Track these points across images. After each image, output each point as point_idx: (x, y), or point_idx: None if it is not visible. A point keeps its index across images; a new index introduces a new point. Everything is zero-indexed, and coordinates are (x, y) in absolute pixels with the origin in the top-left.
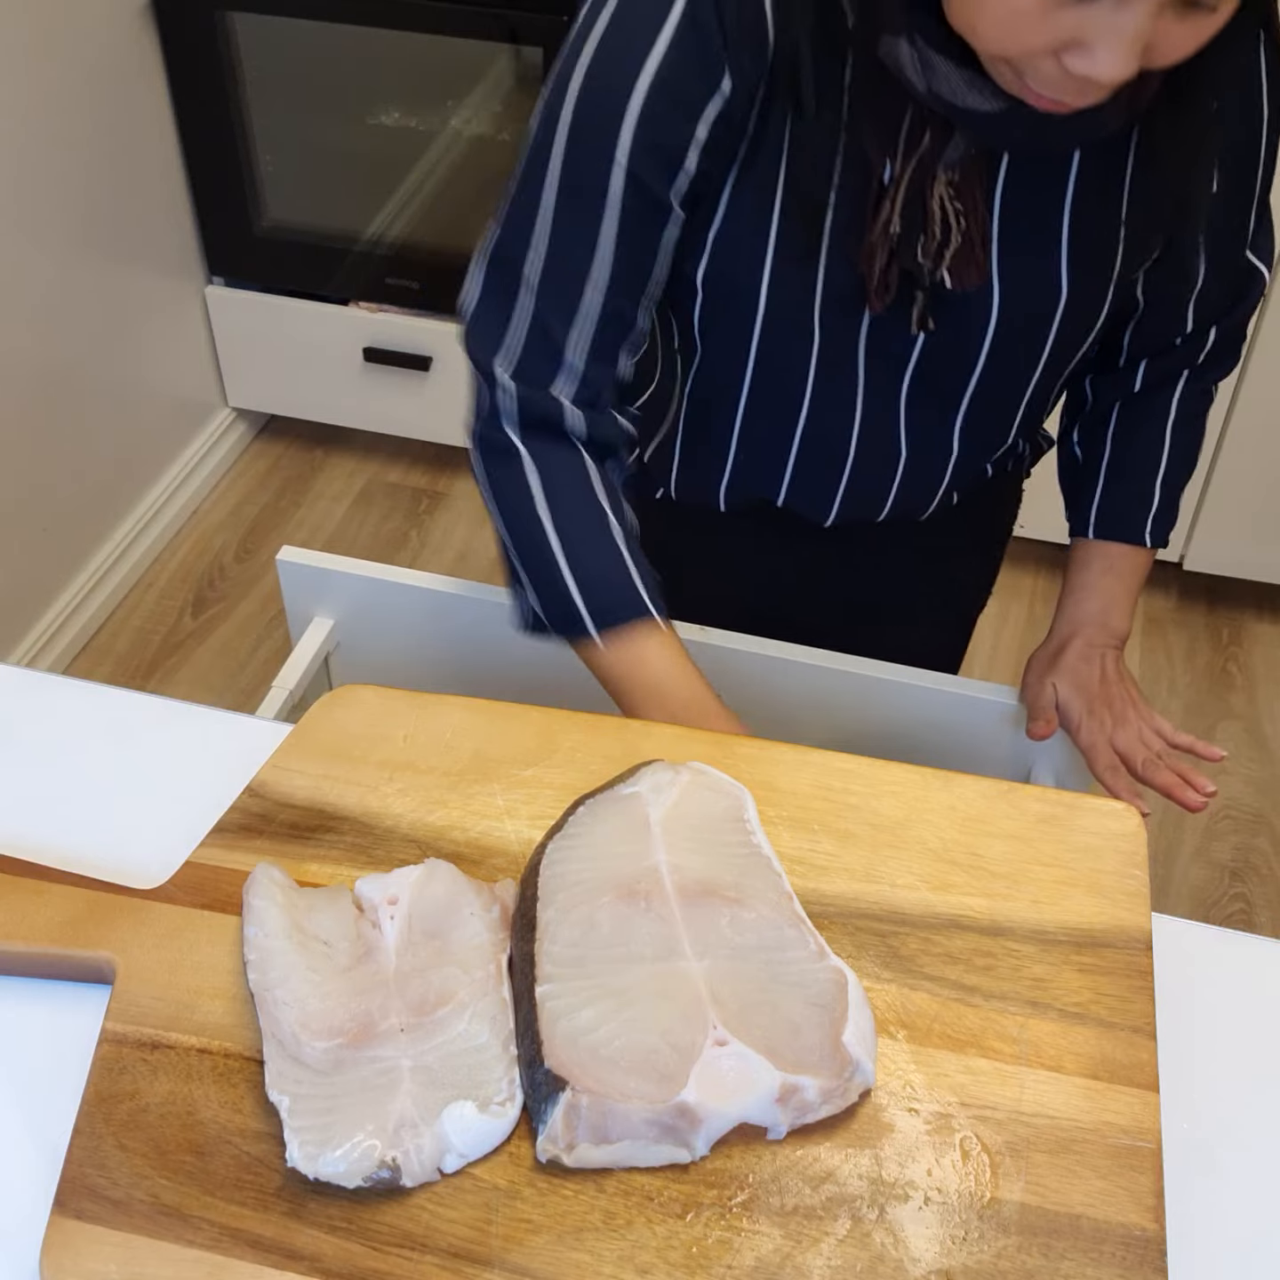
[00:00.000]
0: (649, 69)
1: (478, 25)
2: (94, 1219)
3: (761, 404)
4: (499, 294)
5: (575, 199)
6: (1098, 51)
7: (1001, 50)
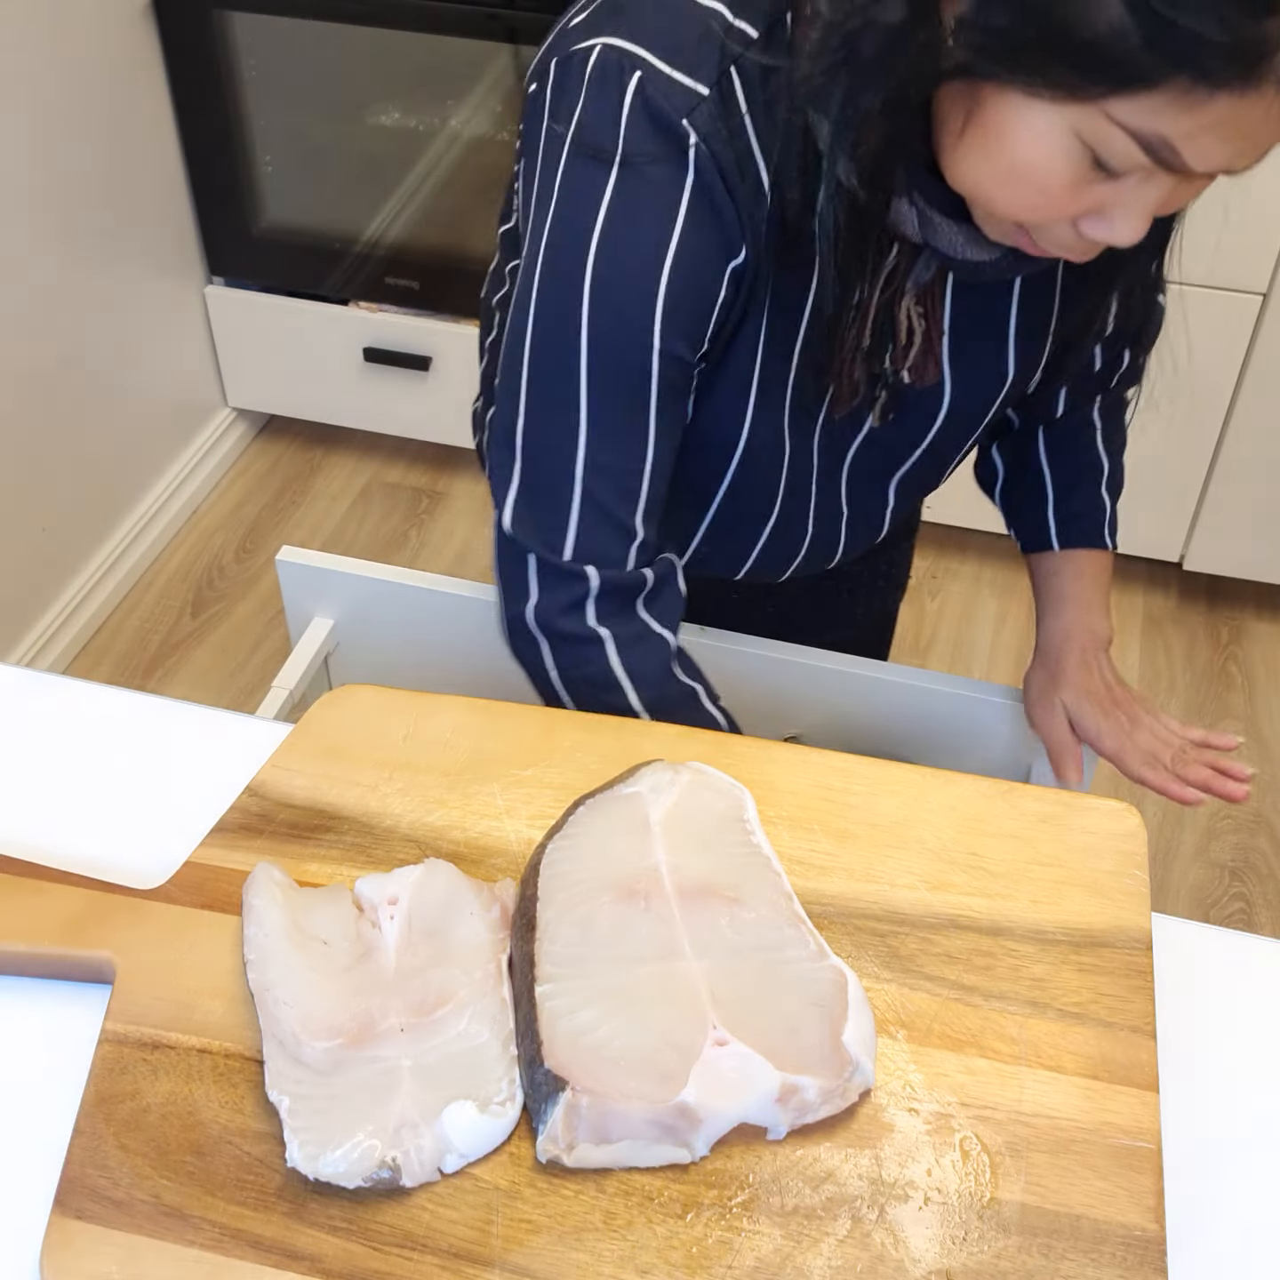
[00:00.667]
0: (670, 256)
1: (477, 25)
2: (95, 1219)
3: (730, 510)
4: (546, 489)
5: (619, 393)
6: (1116, 221)
7: (1021, 220)
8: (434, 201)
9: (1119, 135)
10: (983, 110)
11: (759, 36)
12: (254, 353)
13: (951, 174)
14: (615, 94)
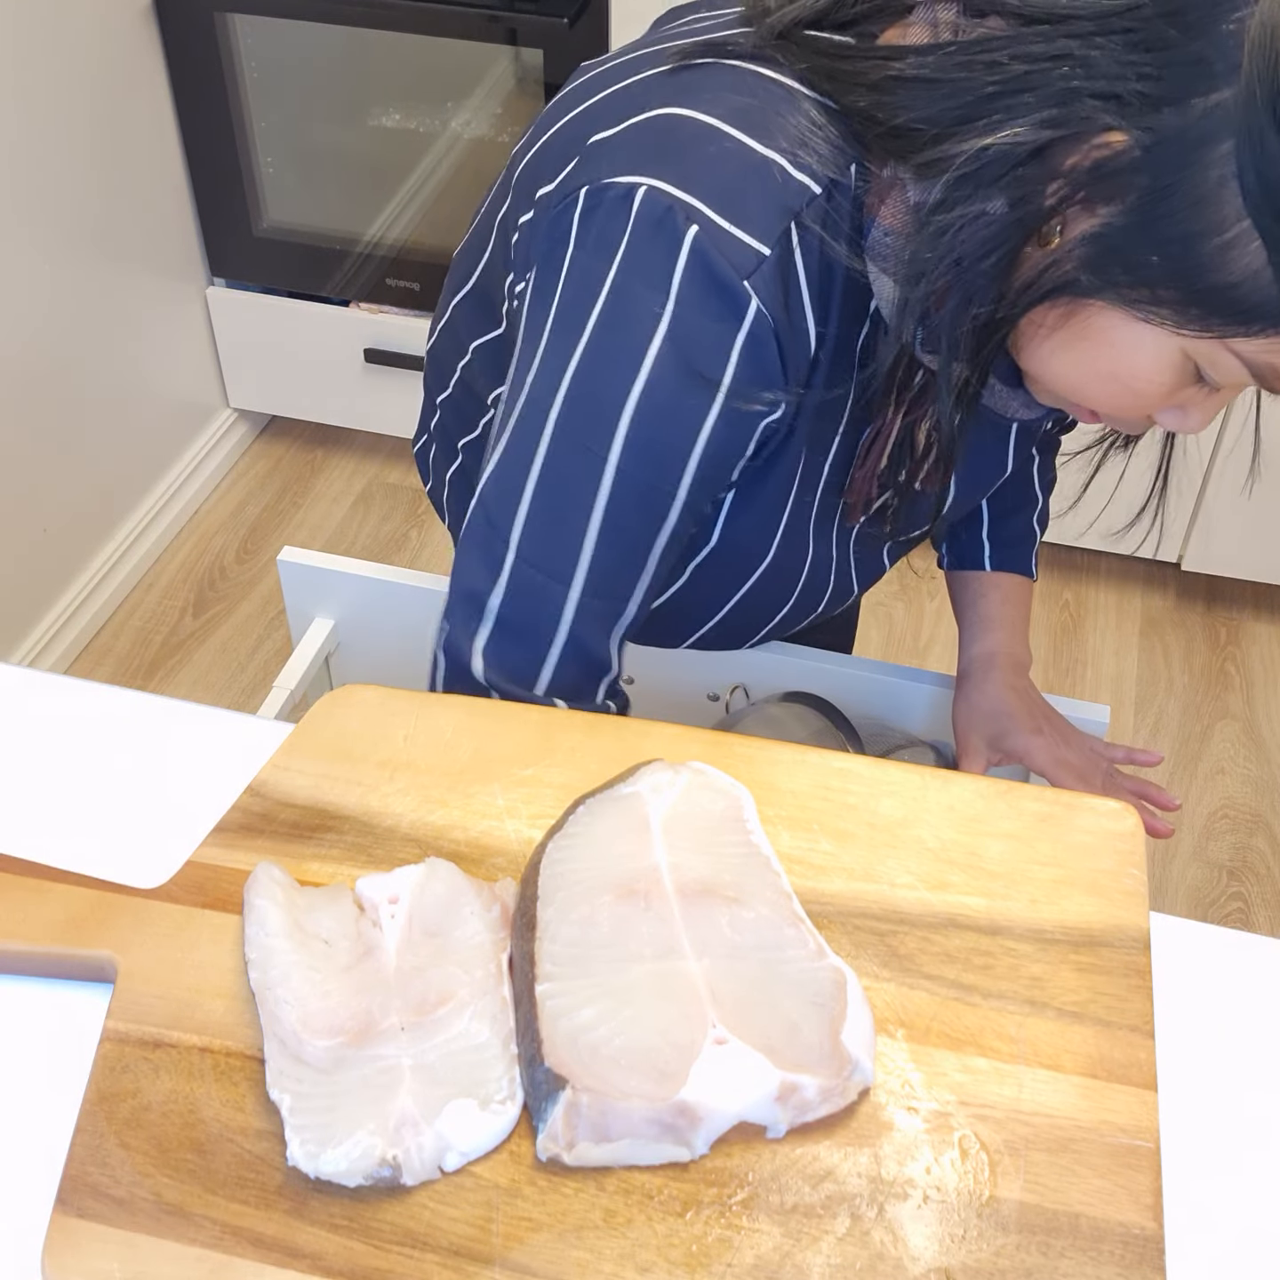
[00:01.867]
0: (714, 412)
1: (478, 27)
2: (96, 1217)
3: (745, 611)
4: (529, 629)
5: (628, 539)
6: (1193, 417)
7: (1101, 411)
8: (435, 203)
9: (1233, 363)
10: (1085, 320)
11: (821, 193)
12: (255, 354)
13: (1031, 362)
14: (670, 245)
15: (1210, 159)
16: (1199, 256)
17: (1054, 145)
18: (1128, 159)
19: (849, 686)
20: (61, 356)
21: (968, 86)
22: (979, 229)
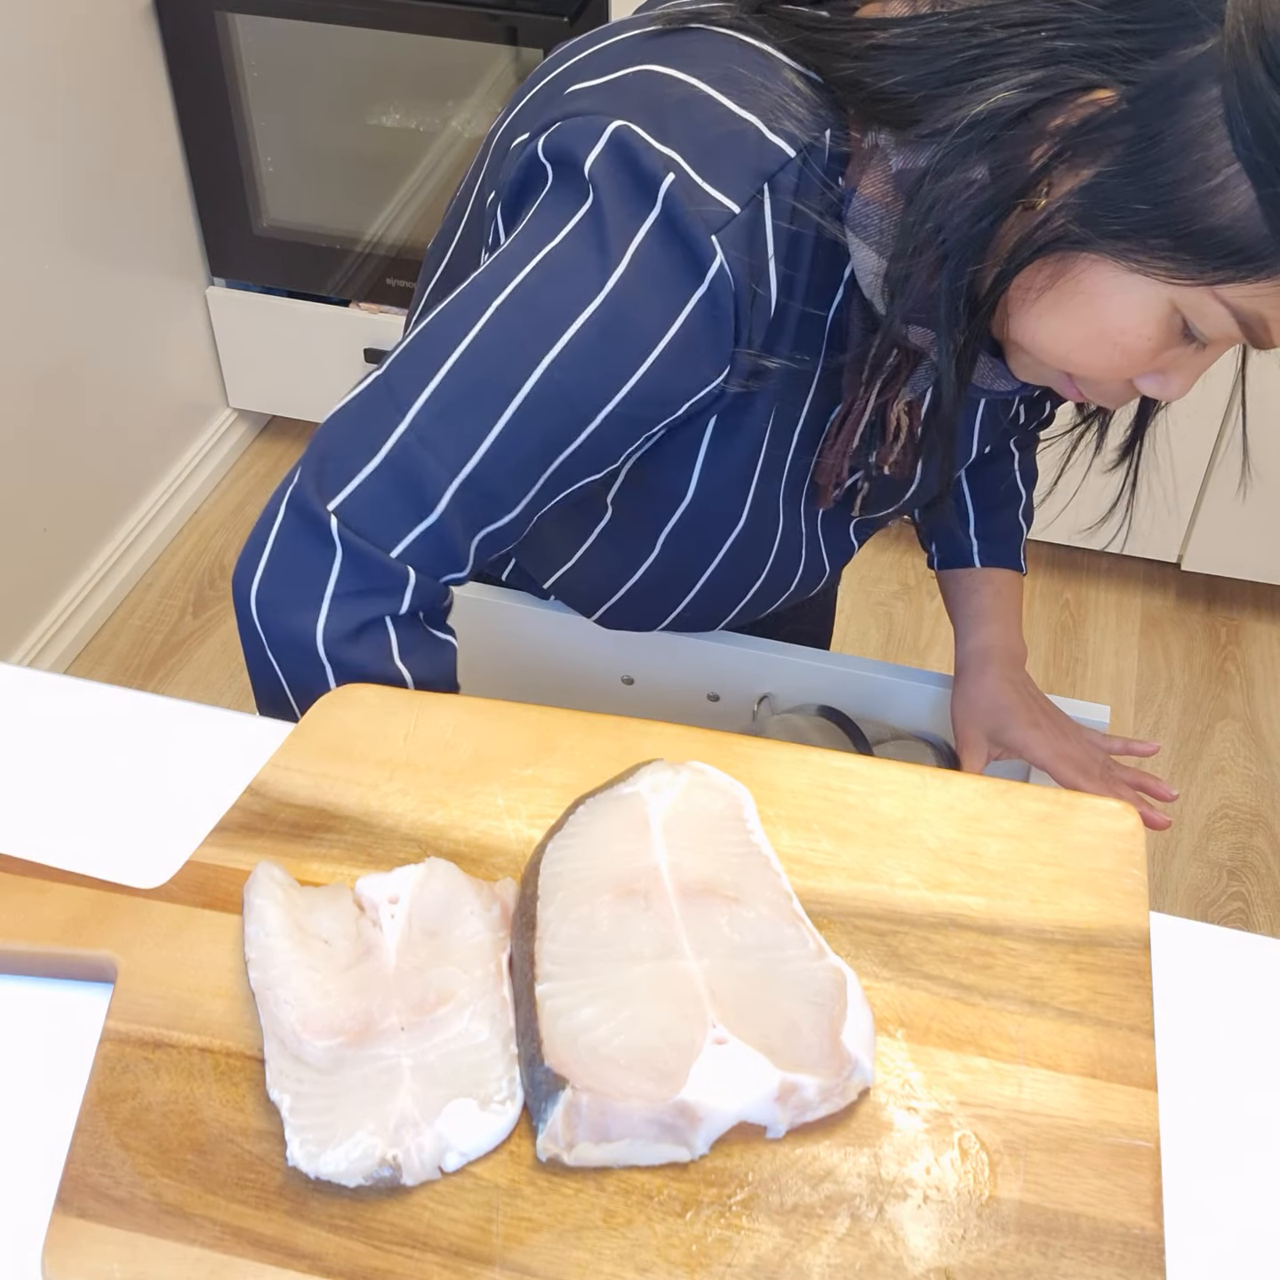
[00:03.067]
0: (654, 355)
1: (478, 27)
2: (96, 1218)
3: (716, 588)
4: (409, 489)
5: (532, 443)
6: (1173, 381)
7: (1087, 376)
8: (435, 203)
9: (1221, 312)
10: (1073, 276)
11: (795, 155)
12: (255, 353)
13: (1019, 328)
14: (646, 187)
15: (1197, 104)
16: (1188, 201)
17: (1039, 107)
18: (1115, 112)
19: (849, 686)
20: (61, 356)
21: (951, 51)
22: (967, 196)
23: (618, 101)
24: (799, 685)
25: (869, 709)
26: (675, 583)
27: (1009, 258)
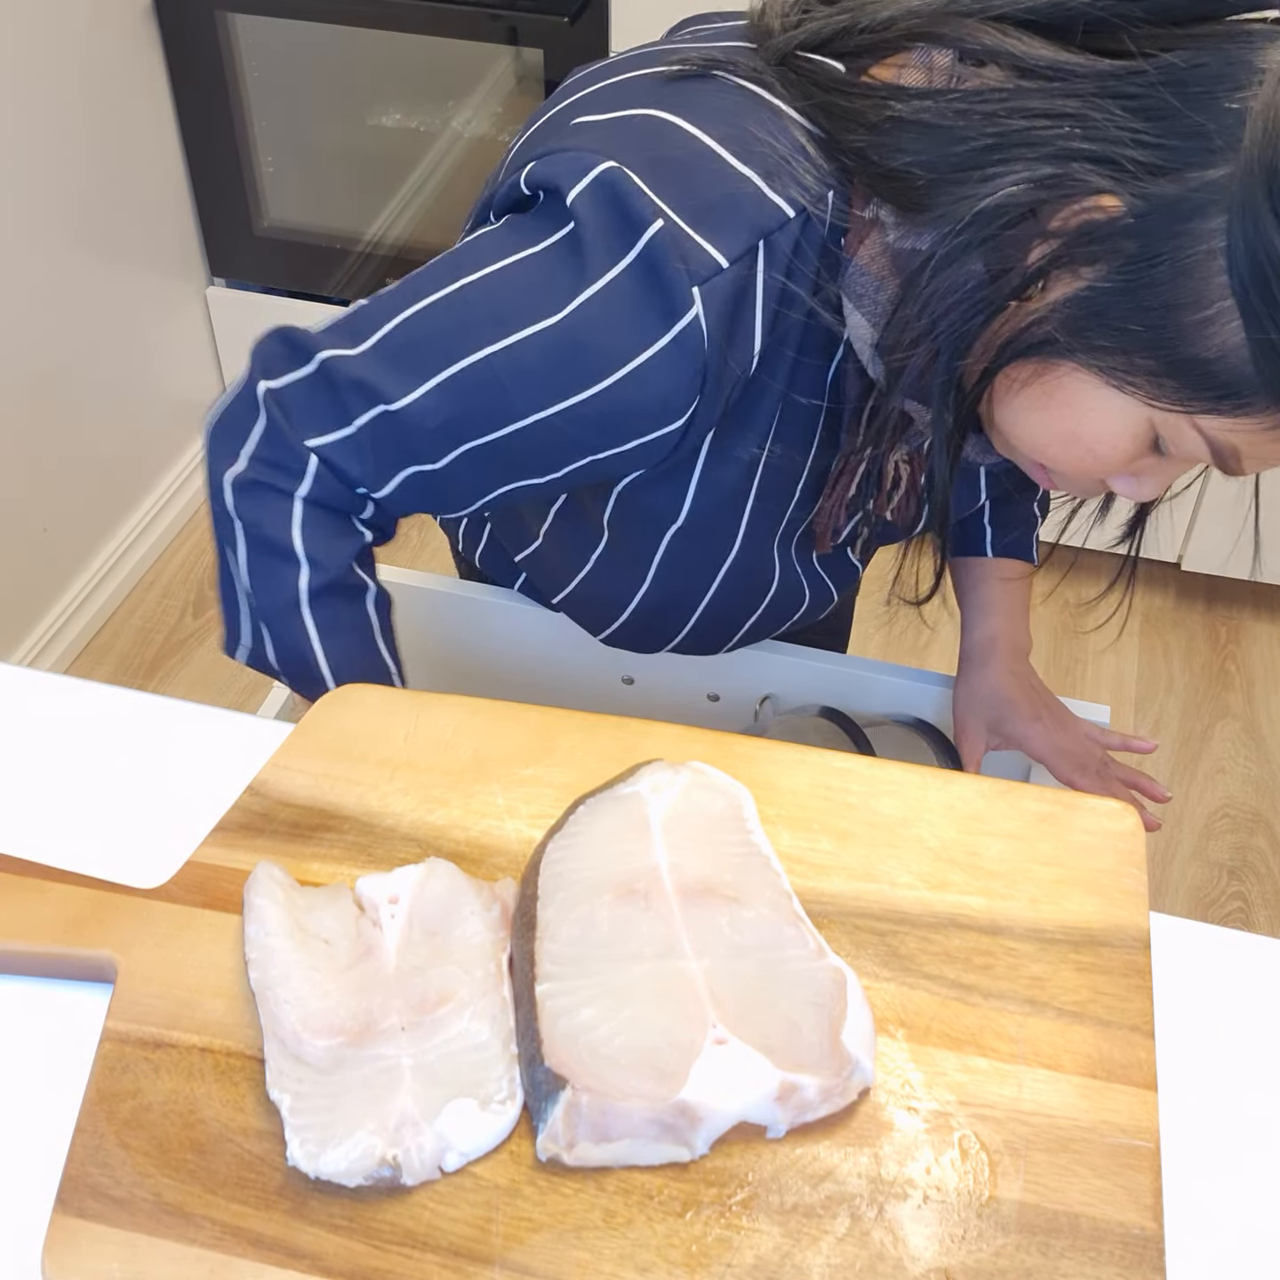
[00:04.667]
0: (603, 386)
1: (478, 27)
2: (96, 1217)
3: (713, 619)
4: (334, 397)
5: (464, 411)
6: (1146, 484)
7: (1060, 471)
8: (435, 203)
9: (1196, 439)
10: (1054, 379)
11: (795, 217)
12: None
13: (999, 414)
14: (626, 233)
15: (1201, 232)
16: (1179, 328)
17: (1044, 206)
18: (1119, 224)
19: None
20: (61, 356)
21: (965, 136)
22: (964, 292)
23: (616, 142)
24: (800, 686)
25: (870, 709)
26: (674, 610)
27: (995, 355)
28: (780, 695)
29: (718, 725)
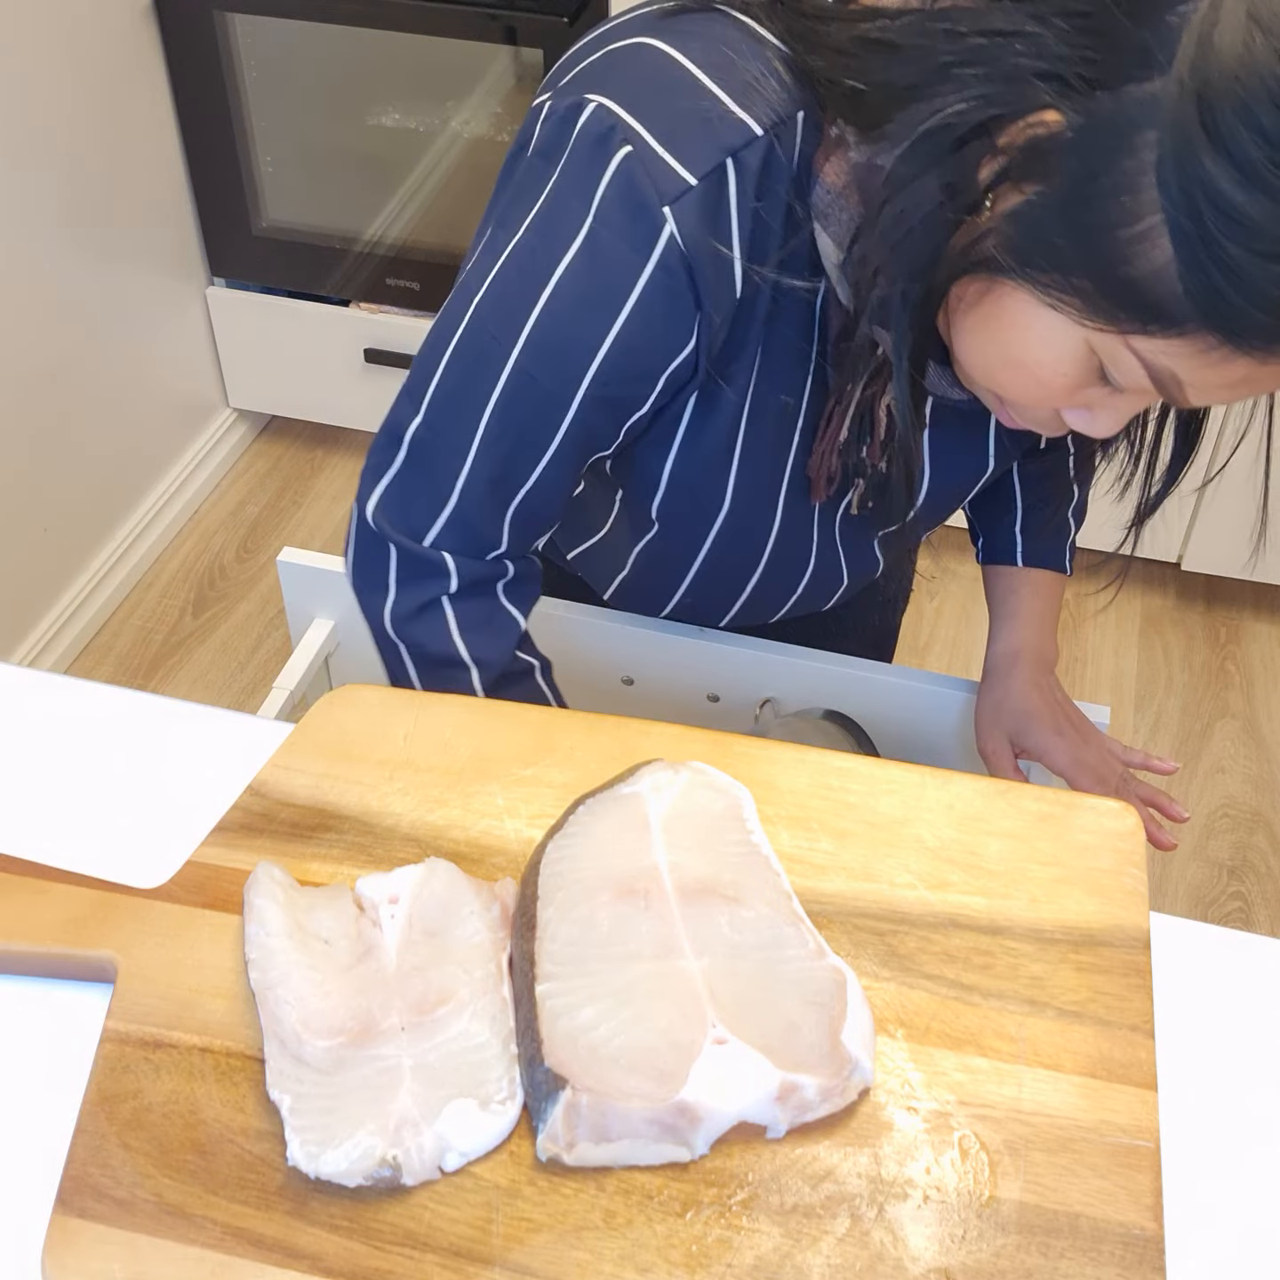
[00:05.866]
0: (615, 330)
1: (477, 27)
2: (97, 1218)
3: (715, 568)
4: (424, 490)
5: (520, 434)
6: (1100, 419)
7: (1010, 399)
8: (435, 202)
9: (1133, 362)
10: (999, 299)
11: (763, 134)
12: (255, 353)
13: (952, 337)
14: (601, 159)
15: (1134, 147)
16: (1111, 245)
17: (995, 121)
18: (1059, 139)
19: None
20: (61, 356)
21: (923, 55)
22: (918, 203)
23: (603, 77)
24: (800, 686)
25: (872, 711)
26: (674, 561)
27: (945, 270)
28: (781, 697)
29: (718, 726)
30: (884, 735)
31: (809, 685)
